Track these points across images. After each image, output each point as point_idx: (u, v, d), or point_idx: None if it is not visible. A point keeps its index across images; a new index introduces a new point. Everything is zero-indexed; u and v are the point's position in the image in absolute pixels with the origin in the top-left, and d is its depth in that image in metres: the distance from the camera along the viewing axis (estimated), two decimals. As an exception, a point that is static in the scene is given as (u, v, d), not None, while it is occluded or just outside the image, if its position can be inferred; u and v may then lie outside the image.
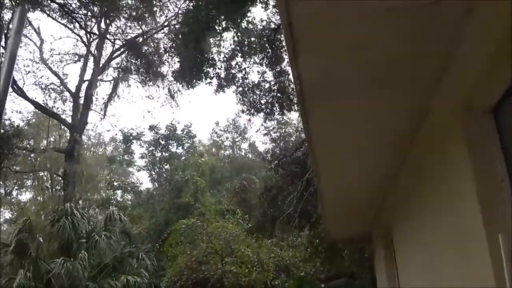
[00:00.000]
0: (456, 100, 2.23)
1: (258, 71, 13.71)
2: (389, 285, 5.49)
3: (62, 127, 27.04)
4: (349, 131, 3.08)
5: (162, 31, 22.40)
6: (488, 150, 2.01)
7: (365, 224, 6.26)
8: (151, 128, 26.21)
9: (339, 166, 3.73)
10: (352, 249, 10.94)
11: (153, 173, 26.10)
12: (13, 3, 15.82)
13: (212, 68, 12.99)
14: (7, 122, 18.36)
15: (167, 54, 17.74)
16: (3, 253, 15.55)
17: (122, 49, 23.32)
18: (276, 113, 13.29)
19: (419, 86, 2.46)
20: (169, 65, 18.61)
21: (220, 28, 11.87)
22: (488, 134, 2.03)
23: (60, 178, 27.20)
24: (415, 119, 2.80)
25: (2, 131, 15.74)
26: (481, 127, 2.02)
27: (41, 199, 32.28)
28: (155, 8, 19.39)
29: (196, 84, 13.52)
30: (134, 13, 19.44)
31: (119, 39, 22.94)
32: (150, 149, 26.73)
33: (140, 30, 21.73)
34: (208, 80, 13.17)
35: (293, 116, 18.35)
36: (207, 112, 55.20)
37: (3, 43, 16.14)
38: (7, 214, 37.01)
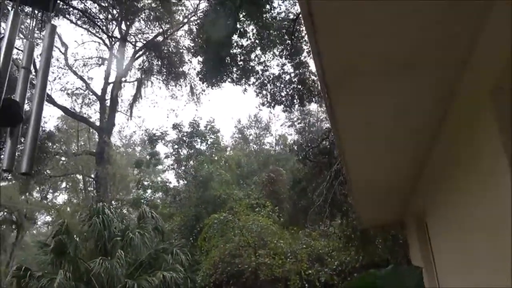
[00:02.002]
0: (485, 80, 2.19)
1: (277, 64, 13.70)
2: (426, 271, 5.44)
3: (91, 130, 27.72)
4: (376, 119, 3.05)
5: (182, 28, 22.62)
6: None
7: (397, 210, 6.20)
8: (175, 126, 26.56)
9: (367, 154, 3.70)
10: (384, 236, 10.85)
11: (180, 171, 26.46)
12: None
13: (235, 68, 13.03)
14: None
15: (190, 54, 17.90)
16: (43, 253, 16.17)
17: (143, 50, 23.66)
18: (297, 105, 13.24)
19: (446, 69, 2.43)
20: (190, 63, 18.81)
21: (241, 25, 11.89)
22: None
23: (92, 180, 27.96)
24: (443, 102, 2.76)
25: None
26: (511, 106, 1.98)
27: (76, 201, 33.32)
28: (173, 7, 19.57)
29: (220, 84, 13.60)
30: (153, 14, 19.66)
31: (139, 41, 23.30)
32: (175, 147, 27.09)
33: (160, 29, 22.00)
34: (231, 79, 13.22)
35: (313, 107, 18.23)
36: (228, 107, 55.43)
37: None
38: (44, 217, 38.39)
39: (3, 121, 1.43)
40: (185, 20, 23.03)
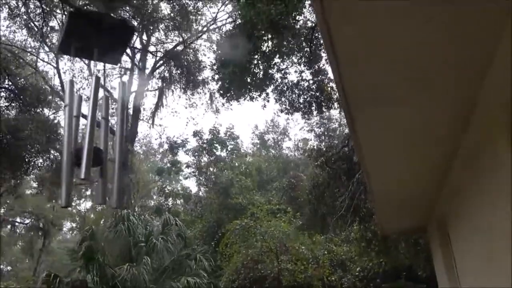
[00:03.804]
0: (502, 94, 2.31)
1: (296, 71, 13.86)
2: (448, 277, 5.50)
3: (114, 138, 28.29)
4: (396, 132, 3.19)
5: (201, 37, 23.02)
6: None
7: (419, 216, 6.26)
8: (195, 134, 26.94)
9: (388, 166, 3.83)
10: (407, 242, 10.84)
11: (200, 177, 26.79)
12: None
13: (256, 80, 13.26)
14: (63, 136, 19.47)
15: (209, 64, 18.24)
16: (72, 259, 16.63)
17: (163, 60, 24.15)
18: (315, 112, 13.38)
19: (464, 87, 2.56)
20: (210, 72, 19.11)
21: (262, 40, 12.15)
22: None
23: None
24: (462, 116, 2.88)
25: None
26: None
27: (100, 208, 34.00)
28: (192, 17, 19.95)
29: (241, 99, 13.87)
30: (172, 24, 20.10)
31: (159, 51, 23.79)
32: (196, 154, 27.45)
33: (180, 39, 22.43)
34: (250, 97, 13.49)
35: (332, 112, 18.33)
36: (246, 113, 55.72)
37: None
38: (69, 224, 39.25)
39: (95, 163, 1.69)
40: (205, 29, 23.44)
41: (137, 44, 24.30)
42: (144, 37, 24.34)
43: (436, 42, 2.27)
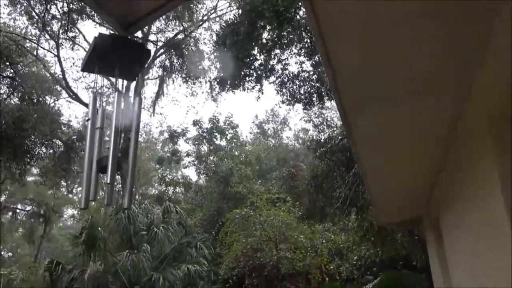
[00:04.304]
0: (485, 107, 2.44)
1: (296, 62, 13.91)
2: (441, 268, 5.69)
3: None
4: (391, 135, 3.33)
5: (202, 26, 22.99)
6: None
7: (415, 210, 6.44)
8: (195, 123, 27.04)
9: (383, 164, 3.97)
10: (404, 232, 11.03)
11: (200, 166, 26.96)
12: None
13: (254, 71, 13.33)
14: (66, 124, 19.57)
15: (209, 53, 18.26)
16: (74, 245, 16.88)
17: (164, 49, 24.13)
18: (316, 103, 13.47)
19: (451, 93, 2.69)
20: (209, 61, 19.16)
21: (262, 30, 12.19)
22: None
23: (117, 175, 28.65)
24: (451, 123, 3.02)
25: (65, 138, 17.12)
26: (510, 135, 2.23)
27: (101, 195, 34.26)
28: (193, 6, 19.92)
29: (238, 88, 13.95)
30: (172, 13, 20.07)
31: (160, 40, 23.76)
32: (195, 143, 27.59)
33: (180, 27, 22.40)
34: (250, 84, 13.56)
35: (333, 103, 18.40)
36: (245, 102, 55.71)
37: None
38: (70, 211, 39.55)
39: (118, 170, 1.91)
40: (205, 18, 23.38)
41: (138, 33, 24.23)
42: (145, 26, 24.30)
43: (431, 44, 2.38)
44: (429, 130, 3.24)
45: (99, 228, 17.65)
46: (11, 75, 16.59)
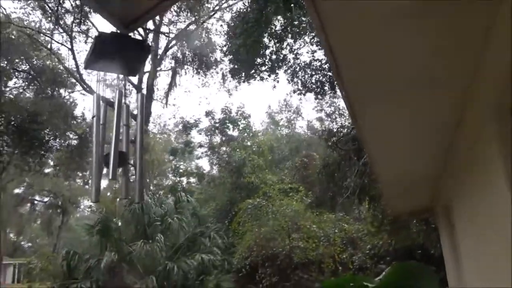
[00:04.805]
0: (488, 96, 2.41)
1: (308, 51, 13.84)
2: (453, 258, 5.66)
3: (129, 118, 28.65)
4: (398, 125, 3.31)
5: (213, 16, 22.96)
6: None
7: (426, 199, 6.39)
8: (207, 114, 27.15)
9: (392, 152, 3.95)
10: (419, 221, 10.96)
11: (213, 157, 27.11)
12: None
13: (267, 61, 13.30)
14: (80, 117, 19.81)
15: (221, 43, 18.25)
16: (89, 234, 17.23)
17: (176, 40, 24.19)
18: (328, 92, 13.40)
19: (456, 86, 2.65)
20: (221, 52, 19.12)
21: (273, 19, 12.12)
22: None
23: (131, 166, 28.97)
24: (457, 112, 2.98)
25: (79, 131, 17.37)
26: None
27: (116, 186, 34.74)
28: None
29: (251, 80, 13.95)
30: (184, 5, 20.07)
31: (172, 32, 23.83)
32: (208, 134, 27.73)
33: (192, 18, 22.41)
34: (265, 74, 13.55)
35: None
36: (258, 92, 55.59)
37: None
38: (87, 202, 40.24)
39: (119, 165, 1.96)
40: (216, 8, 23.33)
41: (150, 25, 24.33)
42: (157, 17, 24.34)
43: (434, 35, 2.35)
44: (436, 119, 3.21)
45: (114, 219, 17.95)
46: (26, 69, 16.86)
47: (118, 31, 2.10)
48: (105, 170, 2.15)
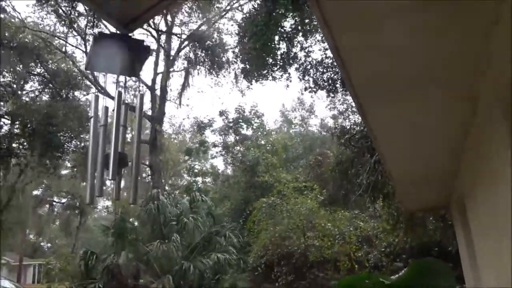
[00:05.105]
0: (500, 90, 2.35)
1: (320, 49, 13.74)
2: (468, 255, 5.56)
3: (143, 119, 28.96)
4: (408, 121, 3.25)
5: (225, 16, 23.00)
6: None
7: (440, 195, 6.30)
8: (221, 113, 27.22)
9: (402, 148, 3.89)
10: (435, 217, 10.81)
11: (227, 157, 27.19)
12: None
13: (279, 61, 13.28)
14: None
15: (233, 43, 18.29)
16: (105, 236, 17.48)
17: (188, 40, 24.30)
18: (340, 90, 13.29)
19: (468, 78, 2.59)
20: (233, 52, 19.15)
21: (283, 18, 12.09)
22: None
23: (146, 167, 29.28)
24: (469, 107, 2.92)
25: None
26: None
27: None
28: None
29: (263, 80, 13.95)
30: (195, 6, 20.15)
31: (184, 33, 23.94)
32: (222, 133, 27.81)
33: (204, 19, 22.48)
34: (278, 74, 13.54)
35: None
36: (271, 91, 55.57)
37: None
38: (103, 203, 40.78)
39: (119, 167, 1.99)
40: (228, 8, 23.35)
41: (162, 26, 24.50)
42: (169, 18, 24.49)
43: (443, 28, 2.30)
44: (448, 115, 3.15)
45: (130, 219, 18.12)
46: (41, 72, 17.14)
47: (118, 32, 2.11)
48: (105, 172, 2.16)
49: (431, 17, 2.07)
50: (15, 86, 16.75)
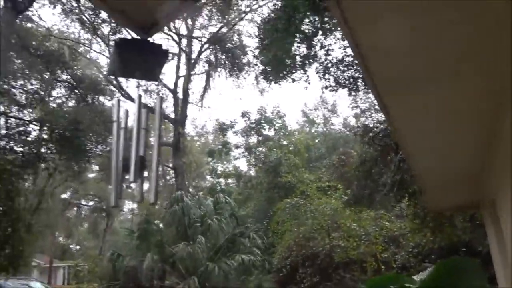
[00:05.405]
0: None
1: (340, 47, 13.60)
2: (500, 254, 5.39)
3: (166, 122, 29.32)
4: (431, 116, 3.17)
5: (245, 18, 23.07)
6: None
7: (469, 194, 6.12)
8: (243, 114, 27.31)
9: (428, 145, 3.79)
10: (463, 217, 10.55)
11: (250, 158, 27.24)
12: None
13: (298, 63, 13.24)
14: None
15: (253, 44, 18.34)
16: (130, 239, 17.76)
17: (209, 44, 24.48)
18: (361, 88, 13.11)
19: (493, 71, 2.51)
20: (253, 53, 19.18)
21: (302, 21, 12.07)
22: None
23: (170, 169, 29.63)
24: (495, 102, 2.82)
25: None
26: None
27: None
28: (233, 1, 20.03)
29: (283, 81, 13.94)
30: (215, 9, 20.28)
31: (204, 36, 24.14)
32: (244, 134, 27.89)
33: (223, 22, 22.60)
34: (297, 76, 13.51)
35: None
36: (292, 91, 55.34)
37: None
38: (129, 205, 41.45)
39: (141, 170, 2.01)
40: (247, 9, 23.41)
41: (183, 30, 24.77)
42: (189, 22, 24.73)
43: (462, 35, 2.23)
44: (475, 111, 3.05)
45: (155, 222, 18.36)
46: (67, 79, 17.55)
47: (137, 37, 2.13)
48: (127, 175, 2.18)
49: (456, 10, 2.01)
50: (42, 93, 17.21)
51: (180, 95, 26.07)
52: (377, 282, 6.03)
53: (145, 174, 2.24)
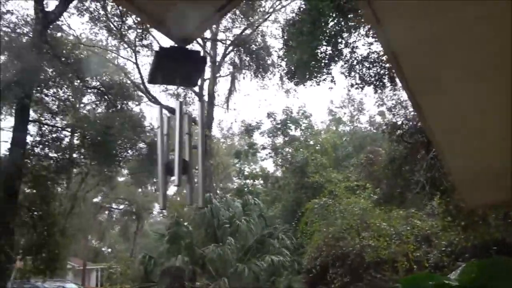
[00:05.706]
0: None
1: (364, 44, 13.47)
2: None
3: (193, 125, 29.67)
4: (468, 113, 3.12)
5: (268, 19, 23.14)
6: None
7: (506, 189, 5.97)
8: (269, 115, 27.35)
9: (463, 144, 3.73)
10: (497, 215, 10.29)
11: (277, 158, 27.25)
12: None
13: (323, 64, 13.22)
14: (148, 127, 20.77)
15: (278, 45, 18.39)
16: (162, 239, 18.08)
17: (233, 46, 24.66)
18: (388, 85, 12.94)
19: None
20: (278, 54, 19.19)
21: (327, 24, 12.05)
22: None
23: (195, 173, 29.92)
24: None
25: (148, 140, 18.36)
26: None
27: (184, 192, 36.04)
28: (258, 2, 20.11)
29: (307, 83, 13.94)
30: (238, 10, 20.41)
31: (228, 39, 24.33)
32: (270, 135, 27.93)
33: (247, 23, 22.72)
34: (321, 77, 13.48)
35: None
36: (320, 90, 54.97)
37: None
38: (159, 208, 42.05)
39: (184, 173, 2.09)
40: (271, 10, 23.47)
41: (207, 33, 25.01)
42: (213, 25, 24.97)
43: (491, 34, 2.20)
44: (506, 106, 2.98)
45: (185, 224, 18.62)
46: (96, 85, 18.03)
47: (176, 45, 2.19)
48: (170, 178, 2.26)
49: (489, 5, 1.98)
50: (73, 100, 17.74)
51: (206, 98, 26.35)
52: (410, 282, 5.95)
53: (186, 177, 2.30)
